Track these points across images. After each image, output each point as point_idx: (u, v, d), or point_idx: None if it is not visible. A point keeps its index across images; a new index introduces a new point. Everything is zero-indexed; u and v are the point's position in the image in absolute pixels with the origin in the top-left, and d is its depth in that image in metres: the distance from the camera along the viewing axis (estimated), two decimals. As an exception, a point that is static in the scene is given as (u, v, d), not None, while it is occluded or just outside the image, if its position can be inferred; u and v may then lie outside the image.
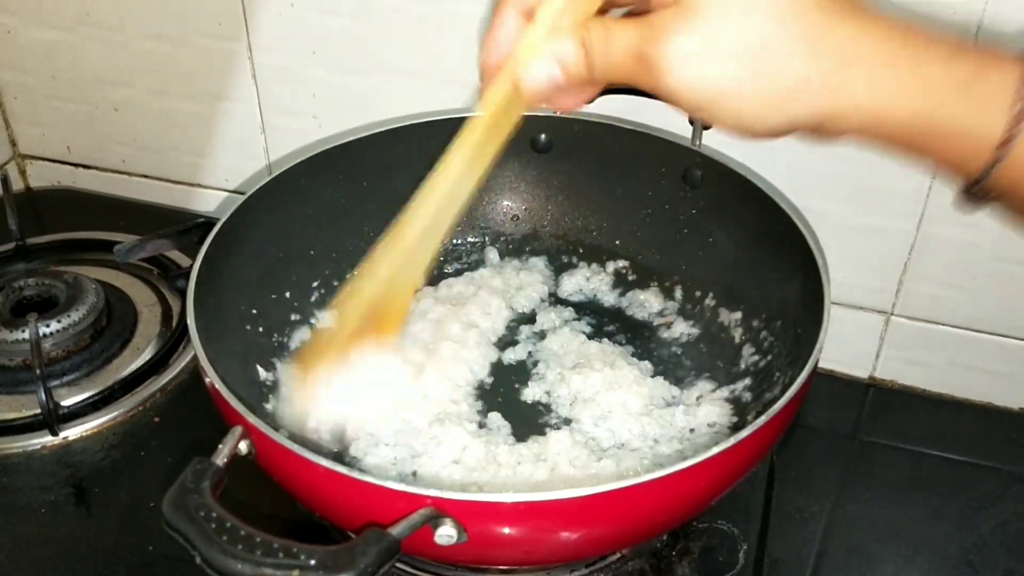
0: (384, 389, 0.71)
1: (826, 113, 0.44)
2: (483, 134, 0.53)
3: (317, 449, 0.70)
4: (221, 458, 0.55)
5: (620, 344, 0.82)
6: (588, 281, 0.89)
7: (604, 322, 0.85)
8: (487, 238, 0.92)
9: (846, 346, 0.91)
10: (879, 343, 0.91)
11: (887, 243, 0.85)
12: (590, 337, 0.83)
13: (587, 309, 0.87)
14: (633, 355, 0.81)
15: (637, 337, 0.83)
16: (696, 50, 0.44)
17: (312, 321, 0.83)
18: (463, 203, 0.58)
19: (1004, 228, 0.80)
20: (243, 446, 0.57)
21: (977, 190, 0.45)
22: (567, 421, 0.75)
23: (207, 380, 0.62)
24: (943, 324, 0.88)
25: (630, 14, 0.49)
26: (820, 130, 0.46)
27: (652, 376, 0.78)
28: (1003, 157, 0.43)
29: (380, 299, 0.63)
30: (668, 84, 0.44)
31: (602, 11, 0.50)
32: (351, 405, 0.69)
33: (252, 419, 0.57)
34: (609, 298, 0.87)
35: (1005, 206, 0.47)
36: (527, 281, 0.88)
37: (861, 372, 0.93)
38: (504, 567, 0.68)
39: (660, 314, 0.85)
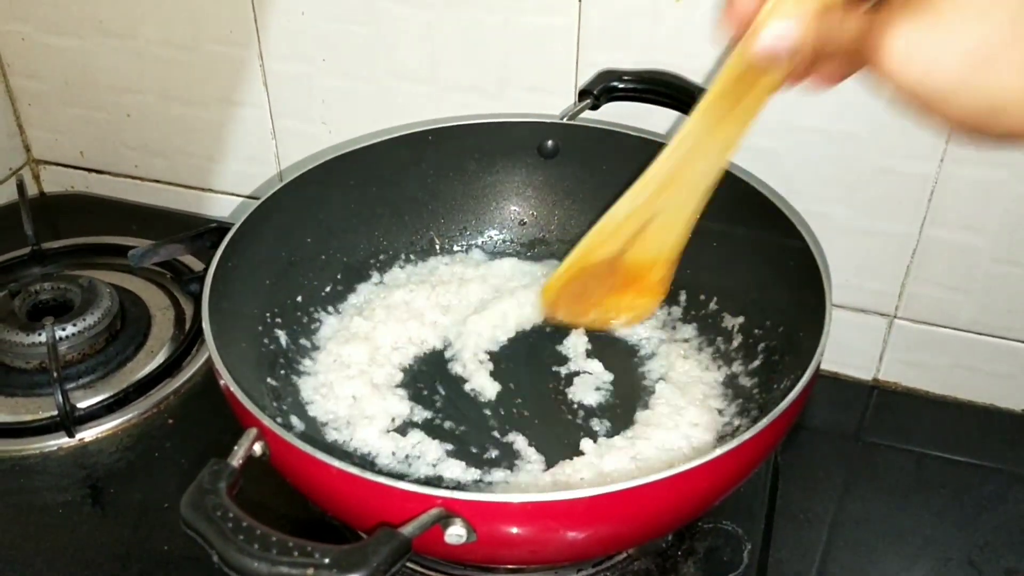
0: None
1: None
2: (724, 98, 0.56)
3: (329, 450, 0.72)
4: (237, 459, 0.56)
5: (618, 345, 0.83)
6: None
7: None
8: (494, 242, 0.93)
9: (849, 348, 0.91)
10: (882, 345, 0.91)
11: (890, 246, 0.86)
12: (591, 337, 0.84)
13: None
14: (637, 357, 0.82)
15: (636, 338, 0.84)
16: (922, 43, 0.43)
17: (322, 322, 0.85)
18: (711, 166, 0.60)
19: (1006, 231, 0.82)
20: (258, 448, 0.58)
21: None
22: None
23: (222, 383, 0.63)
24: (946, 327, 0.88)
25: None
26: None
27: (657, 380, 0.79)
28: None
29: (627, 257, 0.69)
30: (888, 72, 0.44)
31: None
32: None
33: (267, 421, 0.58)
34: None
35: None
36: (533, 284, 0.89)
37: (864, 374, 0.94)
38: (512, 567, 0.69)
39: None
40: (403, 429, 0.76)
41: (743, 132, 0.58)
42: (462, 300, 0.87)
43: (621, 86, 0.84)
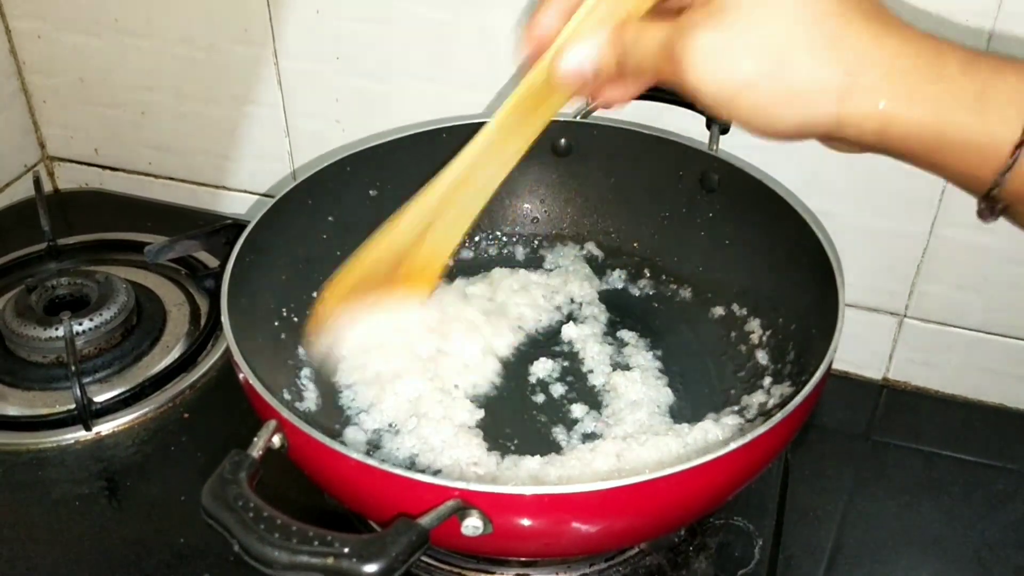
0: (402, 338, 0.77)
1: (840, 118, 0.46)
2: (518, 111, 0.57)
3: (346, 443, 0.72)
4: (256, 450, 0.57)
5: (634, 343, 0.84)
6: (605, 282, 0.90)
7: (620, 322, 0.87)
8: (507, 239, 0.94)
9: (860, 347, 0.92)
10: (892, 345, 0.92)
11: (901, 246, 0.86)
12: (606, 335, 0.85)
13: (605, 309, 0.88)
14: (648, 353, 0.83)
15: (652, 336, 0.85)
16: (718, 47, 0.46)
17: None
18: (498, 172, 0.63)
19: (1017, 231, 0.82)
20: (276, 440, 0.59)
21: (989, 199, 0.46)
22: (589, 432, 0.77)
23: (241, 376, 0.64)
24: (956, 326, 0.89)
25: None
26: (834, 135, 0.47)
27: (669, 377, 0.80)
28: (1014, 165, 0.44)
29: (411, 252, 0.69)
30: (690, 79, 0.46)
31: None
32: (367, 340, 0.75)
33: (286, 413, 0.59)
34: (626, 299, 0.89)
35: (1018, 214, 0.47)
36: (546, 281, 0.90)
37: (874, 373, 0.94)
38: (525, 559, 0.70)
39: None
40: (420, 417, 0.76)
41: (532, 141, 0.60)
42: (475, 294, 0.87)
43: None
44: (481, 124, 0.87)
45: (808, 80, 0.45)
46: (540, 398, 0.79)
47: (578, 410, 0.77)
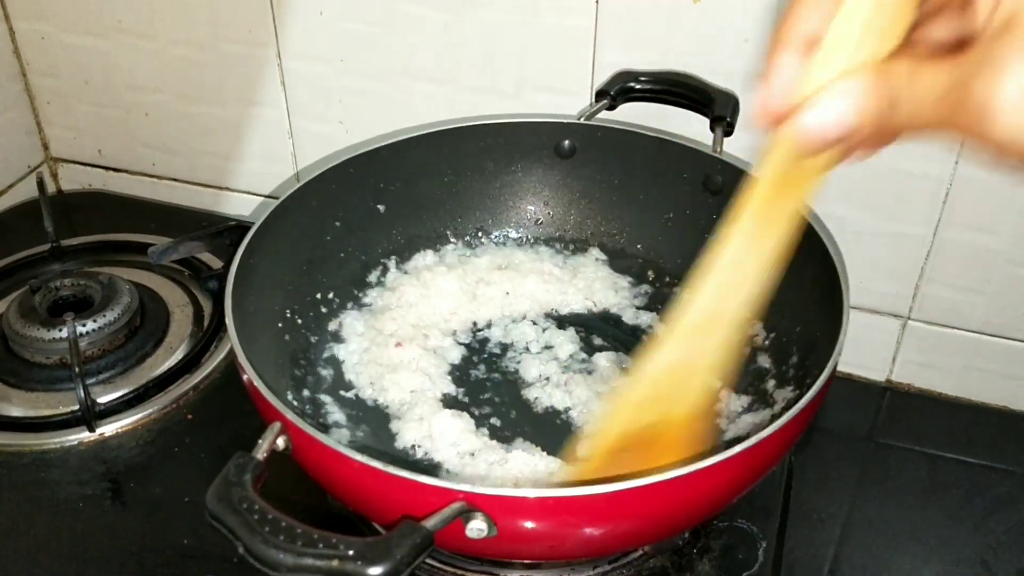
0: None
1: None
2: (765, 202, 0.45)
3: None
4: (261, 453, 0.57)
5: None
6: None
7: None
8: (510, 241, 0.94)
9: (863, 350, 0.92)
10: (896, 347, 0.92)
11: (904, 248, 0.86)
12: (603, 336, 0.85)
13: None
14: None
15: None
16: None
17: (341, 319, 0.86)
18: (751, 288, 0.49)
19: (1021, 233, 0.82)
20: (280, 442, 0.59)
21: None
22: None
23: (245, 378, 0.64)
24: (959, 328, 0.89)
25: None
26: None
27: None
28: None
29: (656, 415, 0.55)
30: (1001, 133, 0.34)
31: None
32: None
33: (290, 416, 0.59)
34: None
35: None
36: (548, 284, 0.90)
37: (878, 375, 0.94)
38: (530, 561, 0.70)
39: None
40: (423, 418, 0.76)
41: (789, 230, 0.46)
42: (479, 295, 0.88)
43: (638, 87, 0.85)
44: (486, 126, 0.89)
45: None
46: (539, 395, 0.80)
47: (578, 411, 0.78)
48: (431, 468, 0.73)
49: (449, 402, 0.78)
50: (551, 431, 0.77)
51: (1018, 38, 0.34)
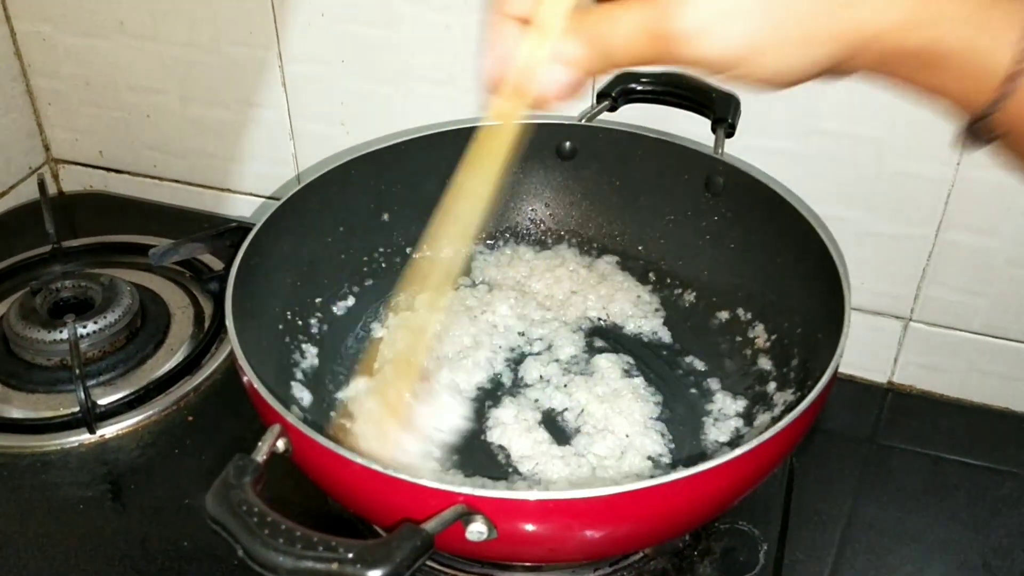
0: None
1: (845, 48, 0.43)
2: (494, 144, 0.54)
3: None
4: (261, 455, 0.56)
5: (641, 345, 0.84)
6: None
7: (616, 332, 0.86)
8: (512, 242, 0.94)
9: (865, 351, 0.92)
10: (898, 348, 0.92)
11: (906, 249, 0.86)
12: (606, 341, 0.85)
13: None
14: (656, 359, 0.83)
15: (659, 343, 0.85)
16: (716, 11, 0.42)
17: (342, 321, 0.85)
18: (480, 213, 0.58)
19: (1022, 235, 0.82)
20: (280, 444, 0.59)
21: (981, 126, 0.44)
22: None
23: (245, 379, 0.64)
24: (961, 330, 0.89)
25: None
26: (838, 69, 0.45)
27: (674, 382, 0.80)
28: (1008, 93, 0.42)
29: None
30: (691, 53, 0.42)
31: None
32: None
33: (290, 418, 0.59)
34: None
35: (1007, 146, 0.45)
36: (546, 285, 0.90)
37: (880, 377, 0.94)
38: (530, 564, 0.69)
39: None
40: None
41: (504, 166, 0.55)
42: (481, 299, 0.87)
43: (639, 88, 0.85)
44: (489, 126, 0.88)
45: (810, 19, 0.42)
46: (539, 396, 0.80)
47: (573, 414, 0.77)
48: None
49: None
50: (552, 431, 0.77)
51: None
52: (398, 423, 0.67)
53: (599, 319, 0.87)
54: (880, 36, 0.43)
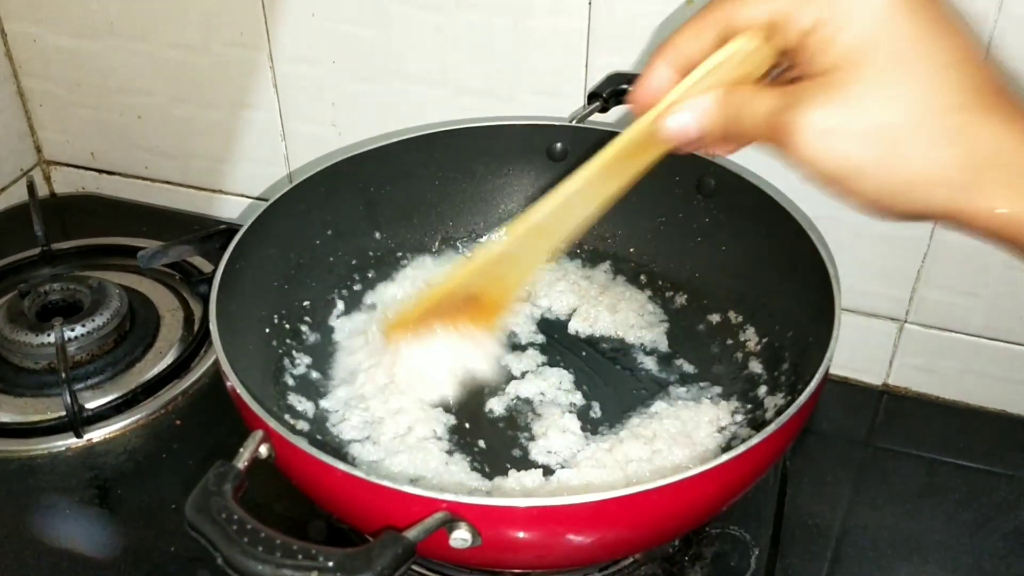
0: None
1: (958, 211, 0.44)
2: (617, 157, 0.56)
3: (336, 452, 0.72)
4: (242, 461, 0.56)
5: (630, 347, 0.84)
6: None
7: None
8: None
9: (860, 353, 0.91)
10: (893, 350, 0.91)
11: (901, 250, 0.85)
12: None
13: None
14: (648, 363, 0.82)
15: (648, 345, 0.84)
16: (834, 126, 0.44)
17: (330, 324, 0.85)
18: (583, 215, 0.61)
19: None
20: (263, 450, 0.58)
21: None
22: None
23: (228, 384, 0.63)
24: (957, 332, 0.88)
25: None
26: (950, 222, 0.45)
27: (667, 383, 0.80)
28: None
29: (484, 286, 0.68)
30: (801, 155, 0.45)
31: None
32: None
33: (273, 423, 0.58)
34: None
35: None
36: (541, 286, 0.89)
37: (875, 379, 0.93)
38: (518, 570, 0.69)
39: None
40: (410, 429, 0.75)
41: (623, 188, 0.58)
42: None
43: (630, 89, 0.84)
44: (478, 128, 0.88)
45: (924, 171, 0.43)
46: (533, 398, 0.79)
47: (568, 417, 0.77)
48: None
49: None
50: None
51: (826, 84, 0.44)
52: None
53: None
54: (999, 212, 0.43)
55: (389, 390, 0.76)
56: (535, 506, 0.54)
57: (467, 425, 0.76)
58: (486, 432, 0.76)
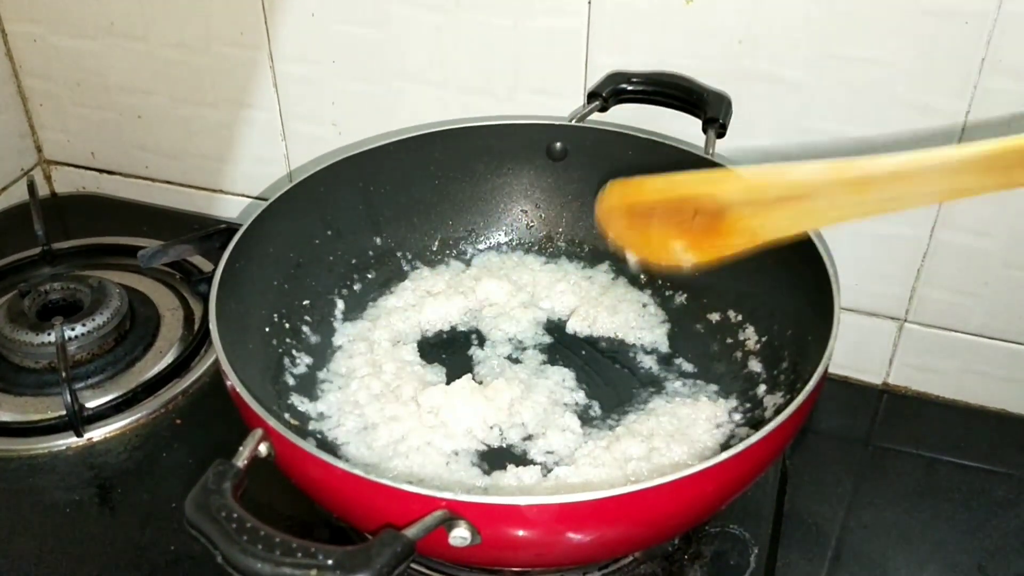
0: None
1: None
2: (990, 161, 0.49)
3: (334, 451, 0.72)
4: (242, 460, 0.56)
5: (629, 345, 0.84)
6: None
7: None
8: (502, 244, 0.93)
9: (860, 352, 0.91)
10: (892, 349, 0.91)
11: (901, 250, 0.85)
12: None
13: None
14: (648, 362, 0.82)
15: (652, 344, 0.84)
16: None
17: (330, 322, 0.85)
18: (920, 198, 0.54)
19: (1017, 235, 0.81)
20: (263, 448, 0.58)
21: None
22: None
23: (228, 383, 0.63)
24: (956, 331, 0.88)
25: None
26: None
27: (666, 382, 0.80)
28: None
29: (738, 210, 0.59)
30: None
31: None
32: None
33: (272, 422, 0.58)
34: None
35: None
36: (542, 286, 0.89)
37: (874, 378, 0.93)
38: (517, 568, 0.69)
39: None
40: (409, 428, 0.75)
41: (986, 192, 0.49)
42: (471, 300, 0.87)
43: (630, 88, 0.84)
44: (477, 127, 0.88)
45: None
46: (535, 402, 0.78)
47: (568, 416, 0.77)
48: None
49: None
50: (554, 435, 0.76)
51: None
52: None
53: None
54: None
55: (385, 398, 0.77)
56: (534, 504, 0.54)
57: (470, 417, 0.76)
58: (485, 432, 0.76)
